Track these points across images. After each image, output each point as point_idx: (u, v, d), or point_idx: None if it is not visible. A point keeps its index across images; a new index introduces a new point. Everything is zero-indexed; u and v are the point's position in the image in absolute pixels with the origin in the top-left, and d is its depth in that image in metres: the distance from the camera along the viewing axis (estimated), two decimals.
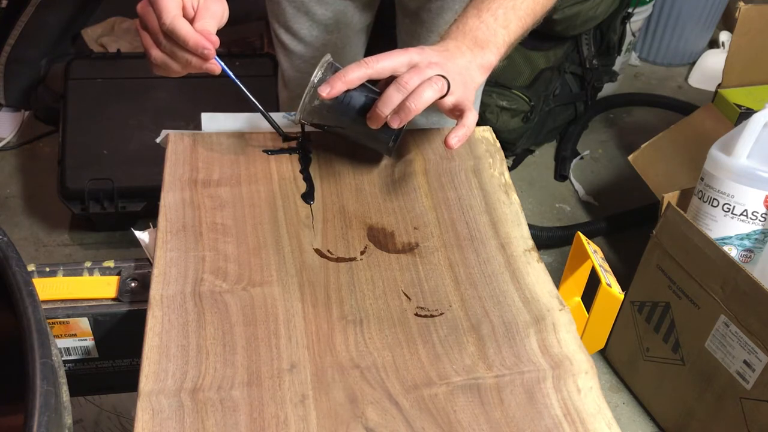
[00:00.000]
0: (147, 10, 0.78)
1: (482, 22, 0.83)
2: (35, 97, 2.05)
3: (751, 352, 1.18)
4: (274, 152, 0.88)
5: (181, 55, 0.77)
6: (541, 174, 2.09)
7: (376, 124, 0.78)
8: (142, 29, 0.80)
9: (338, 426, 0.61)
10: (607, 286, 0.78)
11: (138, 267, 0.80)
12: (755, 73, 1.63)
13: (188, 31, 0.75)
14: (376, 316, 0.70)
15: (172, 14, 0.75)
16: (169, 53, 0.78)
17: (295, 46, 1.15)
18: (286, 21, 1.13)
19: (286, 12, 1.12)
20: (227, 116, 0.91)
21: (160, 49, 0.78)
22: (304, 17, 1.12)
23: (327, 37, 1.14)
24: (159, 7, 0.75)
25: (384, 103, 0.76)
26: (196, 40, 0.75)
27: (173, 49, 0.77)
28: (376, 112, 0.77)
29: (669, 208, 1.30)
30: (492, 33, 0.83)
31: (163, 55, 0.78)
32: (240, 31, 2.12)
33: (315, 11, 1.10)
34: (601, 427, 0.63)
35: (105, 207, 1.70)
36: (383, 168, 0.88)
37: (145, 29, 0.79)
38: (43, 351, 0.50)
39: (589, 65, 2.09)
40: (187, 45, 0.75)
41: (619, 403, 1.52)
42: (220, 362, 0.64)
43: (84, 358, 0.80)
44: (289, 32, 1.14)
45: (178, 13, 0.76)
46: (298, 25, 1.13)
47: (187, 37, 0.75)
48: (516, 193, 0.86)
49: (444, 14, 1.09)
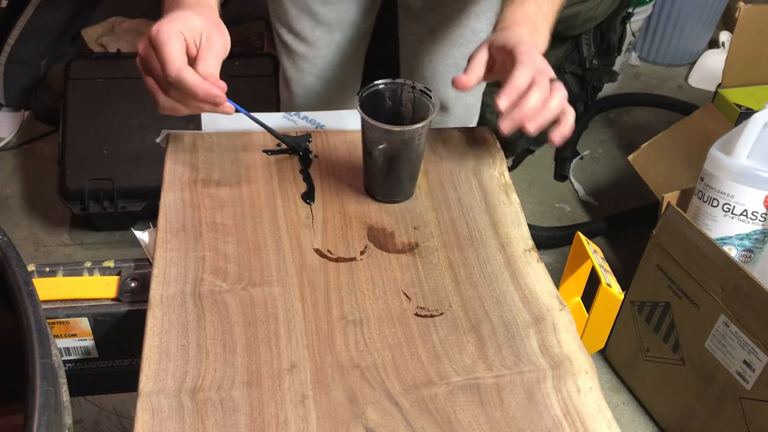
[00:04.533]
0: (149, 54, 0.74)
1: (538, 7, 0.84)
2: (35, 97, 2.06)
3: (751, 352, 1.18)
4: (274, 152, 0.88)
5: (192, 103, 0.75)
6: (541, 174, 2.09)
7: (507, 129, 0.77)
8: (145, 74, 0.76)
9: (338, 426, 0.61)
10: (607, 286, 0.78)
11: (138, 267, 0.80)
12: (755, 73, 1.63)
13: (197, 82, 0.72)
14: (376, 316, 0.70)
15: (177, 65, 0.71)
16: (178, 100, 0.75)
17: (297, 46, 1.15)
18: (289, 21, 1.13)
19: (288, 12, 1.12)
20: (227, 116, 0.91)
21: (167, 96, 0.75)
22: (306, 17, 1.11)
23: (330, 37, 1.14)
24: (163, 57, 0.72)
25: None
26: (206, 90, 0.72)
27: (182, 97, 0.74)
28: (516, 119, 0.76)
29: (669, 208, 1.30)
30: (543, 17, 0.85)
31: (171, 101, 0.75)
32: (240, 31, 2.12)
33: (318, 11, 1.10)
34: (601, 427, 0.63)
35: (105, 207, 1.70)
36: None
37: (148, 73, 0.76)
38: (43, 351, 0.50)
39: (589, 65, 2.09)
40: (197, 96, 0.73)
41: (619, 403, 1.52)
42: (220, 362, 0.64)
43: (84, 358, 0.80)
44: (292, 32, 1.14)
45: (184, 62, 0.72)
46: (300, 26, 1.12)
47: (196, 88, 0.72)
48: (516, 193, 0.86)
49: (447, 14, 1.09)
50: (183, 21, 0.74)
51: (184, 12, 0.75)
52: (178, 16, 0.74)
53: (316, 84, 1.18)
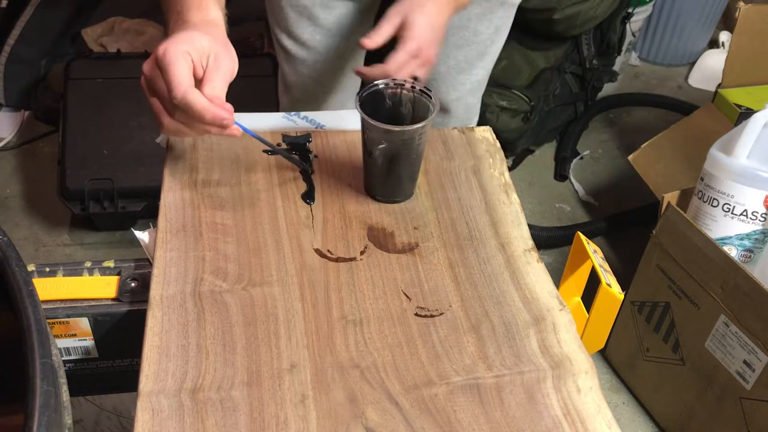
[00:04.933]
0: (155, 74, 0.72)
1: None
2: (35, 97, 2.05)
3: (751, 352, 1.18)
4: (274, 152, 0.88)
5: (198, 126, 0.72)
6: (541, 174, 2.09)
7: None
8: (150, 94, 0.74)
9: (338, 426, 0.61)
10: (607, 286, 0.78)
11: (138, 267, 0.80)
12: (755, 73, 1.63)
13: (204, 106, 0.69)
14: (376, 316, 0.70)
15: (183, 87, 0.69)
16: (184, 123, 0.72)
17: (298, 51, 1.14)
18: (288, 26, 1.11)
19: (288, 17, 1.10)
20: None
21: (172, 118, 0.72)
22: (306, 22, 1.10)
23: (329, 41, 1.13)
24: (169, 78, 0.69)
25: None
26: (214, 113, 0.70)
27: (188, 120, 0.72)
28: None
29: (669, 208, 1.30)
30: None
31: (177, 123, 0.73)
32: (240, 31, 2.12)
33: (318, 15, 1.09)
34: (601, 427, 0.63)
35: (105, 207, 1.70)
36: None
37: (153, 94, 0.73)
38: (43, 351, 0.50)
39: (589, 65, 2.09)
40: (204, 119, 0.70)
41: (619, 403, 1.52)
42: (220, 362, 0.64)
43: (84, 358, 0.80)
44: (291, 37, 1.12)
45: (190, 84, 0.70)
46: (300, 30, 1.11)
47: (203, 111, 0.69)
48: (516, 193, 0.86)
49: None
50: (190, 41, 0.72)
51: (191, 32, 0.74)
52: (184, 36, 0.73)
53: (317, 88, 1.18)
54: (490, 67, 1.20)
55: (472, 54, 1.14)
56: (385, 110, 0.81)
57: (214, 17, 0.78)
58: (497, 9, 1.10)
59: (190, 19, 0.76)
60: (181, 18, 0.77)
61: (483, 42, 1.13)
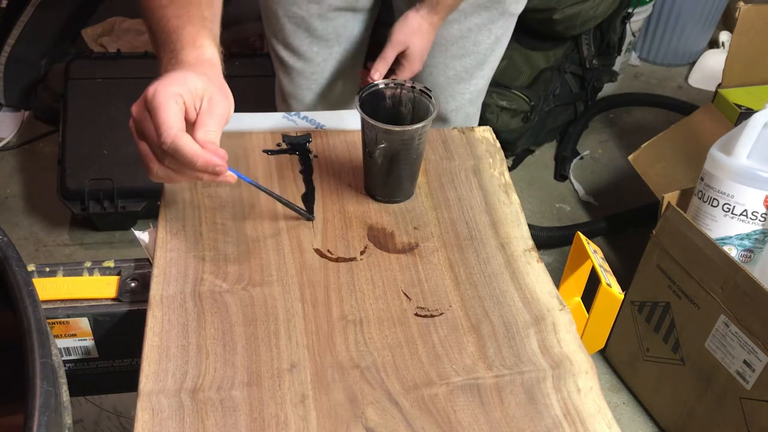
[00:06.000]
0: (143, 116, 0.67)
1: None
2: (35, 97, 2.06)
3: (751, 352, 1.18)
4: (274, 152, 0.88)
5: (189, 173, 0.67)
6: (541, 174, 2.09)
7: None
8: (138, 137, 0.68)
9: (338, 426, 0.61)
10: (607, 286, 0.78)
11: (138, 267, 0.80)
12: (755, 73, 1.63)
13: (195, 152, 0.64)
14: (376, 316, 0.70)
15: (173, 132, 0.64)
16: (174, 169, 0.67)
17: (295, 63, 1.12)
18: (285, 38, 1.10)
19: (285, 28, 1.08)
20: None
21: (162, 164, 0.67)
22: (304, 33, 1.08)
23: (327, 51, 1.11)
24: (158, 121, 0.64)
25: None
26: (206, 160, 0.65)
27: (178, 166, 0.66)
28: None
29: (669, 208, 1.30)
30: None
31: (166, 169, 0.67)
32: (240, 31, 2.12)
33: (316, 26, 1.07)
34: (601, 427, 0.63)
35: (105, 207, 1.70)
36: None
37: (142, 138, 0.68)
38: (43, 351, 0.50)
39: (589, 65, 2.09)
40: (195, 166, 0.65)
41: (619, 403, 1.52)
42: (220, 362, 0.64)
43: (84, 358, 0.80)
44: (288, 49, 1.11)
45: (180, 128, 0.65)
46: (297, 42, 1.09)
47: (194, 158, 0.64)
48: (516, 193, 0.86)
49: (447, 26, 1.07)
50: (182, 82, 0.67)
51: (185, 72, 0.68)
52: (177, 76, 0.67)
53: (315, 99, 1.17)
54: (489, 76, 1.19)
55: (471, 64, 1.13)
56: (385, 110, 0.81)
57: (209, 56, 0.72)
58: (498, 19, 1.09)
59: (184, 59, 0.71)
60: (174, 57, 0.71)
61: (483, 52, 1.12)
